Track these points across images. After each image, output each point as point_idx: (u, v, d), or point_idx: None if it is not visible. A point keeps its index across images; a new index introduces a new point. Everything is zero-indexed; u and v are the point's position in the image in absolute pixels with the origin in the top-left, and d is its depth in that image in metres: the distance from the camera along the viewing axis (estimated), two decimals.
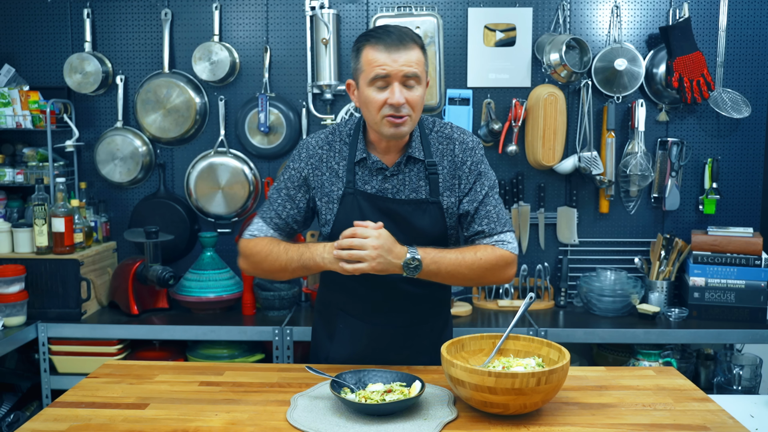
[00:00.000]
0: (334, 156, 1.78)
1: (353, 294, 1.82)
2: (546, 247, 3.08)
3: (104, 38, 3.08)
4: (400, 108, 1.63)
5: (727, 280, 2.79)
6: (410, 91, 1.64)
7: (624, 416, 1.47)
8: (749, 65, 3.01)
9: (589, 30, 3.00)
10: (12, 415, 2.69)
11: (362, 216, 1.72)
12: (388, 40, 1.63)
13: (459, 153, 1.77)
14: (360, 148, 1.76)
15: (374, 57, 1.63)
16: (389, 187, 1.75)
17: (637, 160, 2.92)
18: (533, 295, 1.72)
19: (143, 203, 3.11)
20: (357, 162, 1.76)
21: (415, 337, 1.85)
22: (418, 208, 1.75)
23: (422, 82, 1.67)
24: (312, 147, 1.79)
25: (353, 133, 1.79)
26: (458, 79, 3.02)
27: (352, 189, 1.75)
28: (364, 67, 1.66)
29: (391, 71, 1.62)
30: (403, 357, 1.82)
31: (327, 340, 1.90)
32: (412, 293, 1.80)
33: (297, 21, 3.03)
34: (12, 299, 2.61)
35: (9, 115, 2.93)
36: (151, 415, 1.49)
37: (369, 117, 1.70)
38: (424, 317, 1.86)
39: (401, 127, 1.66)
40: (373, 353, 1.82)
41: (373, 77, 1.63)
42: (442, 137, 1.79)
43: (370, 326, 1.83)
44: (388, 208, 1.74)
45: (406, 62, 1.62)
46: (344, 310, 1.86)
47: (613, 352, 2.88)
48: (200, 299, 2.82)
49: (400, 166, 1.75)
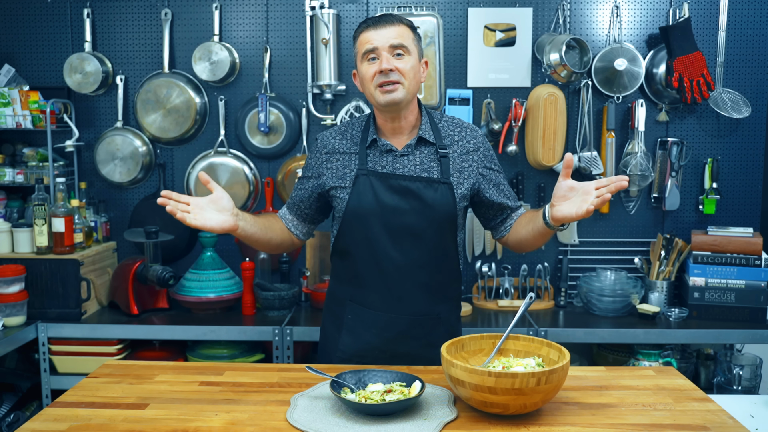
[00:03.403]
0: (346, 143, 1.90)
1: (363, 283, 1.86)
2: (546, 247, 3.08)
3: (104, 38, 3.08)
4: (389, 74, 1.76)
5: (727, 280, 2.79)
6: (399, 61, 1.78)
7: (624, 416, 1.47)
8: (749, 65, 3.01)
9: (589, 30, 3.00)
10: (12, 415, 2.69)
11: (375, 194, 1.81)
12: (375, 21, 1.81)
13: (471, 140, 1.90)
14: (371, 132, 1.87)
15: (364, 36, 1.81)
16: (400, 167, 1.84)
17: (637, 160, 2.92)
18: (533, 295, 1.72)
19: (143, 203, 3.11)
20: (368, 146, 1.86)
21: (425, 329, 1.87)
22: (430, 186, 1.82)
23: (412, 54, 1.80)
24: (326, 138, 1.94)
25: (365, 122, 1.91)
26: (458, 79, 3.02)
27: (365, 170, 1.84)
28: (357, 47, 1.83)
29: (377, 44, 1.77)
30: (413, 348, 1.85)
31: (336, 332, 1.92)
32: (421, 281, 1.84)
33: (297, 21, 3.03)
34: (12, 299, 2.61)
35: (9, 115, 2.93)
36: (151, 415, 1.49)
37: (366, 92, 1.83)
38: (434, 308, 1.87)
39: (393, 93, 1.77)
40: (382, 344, 1.84)
41: (364, 52, 1.80)
42: (452, 125, 1.92)
43: (379, 315, 1.85)
44: (400, 185, 1.82)
45: (391, 35, 1.78)
46: (354, 300, 1.88)
47: (613, 352, 2.88)
48: (200, 299, 2.82)
49: (410, 147, 1.85)
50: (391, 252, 1.81)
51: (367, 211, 1.81)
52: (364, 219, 1.82)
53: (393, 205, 1.80)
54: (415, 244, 1.81)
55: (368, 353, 1.85)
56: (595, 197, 1.61)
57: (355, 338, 1.88)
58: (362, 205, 1.81)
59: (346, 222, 1.85)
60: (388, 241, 1.81)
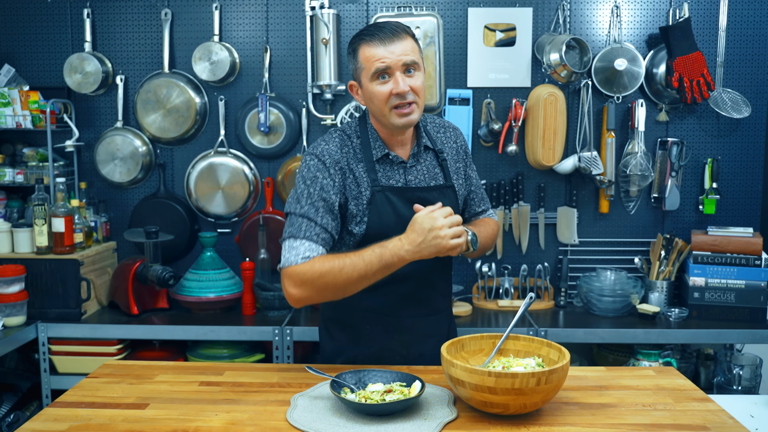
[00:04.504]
0: (351, 159, 1.77)
1: (381, 291, 1.76)
2: (546, 247, 3.08)
3: (104, 38, 3.08)
4: (405, 95, 1.68)
5: (727, 280, 2.79)
6: (412, 79, 1.69)
7: (624, 416, 1.47)
8: (749, 65, 3.01)
9: (589, 30, 3.00)
10: (12, 415, 2.69)
11: (394, 210, 1.75)
12: (381, 35, 1.68)
13: (456, 139, 1.90)
14: (377, 146, 1.77)
15: (372, 52, 1.68)
16: (412, 178, 1.81)
17: (637, 160, 2.92)
18: (533, 295, 1.72)
19: (143, 203, 3.11)
20: (377, 160, 1.77)
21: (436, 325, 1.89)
22: (442, 193, 1.82)
23: (421, 69, 1.73)
24: (333, 153, 1.75)
25: (361, 133, 1.80)
26: (458, 79, 3.02)
27: (379, 187, 1.76)
28: (363, 64, 1.70)
29: (390, 62, 1.67)
30: (428, 347, 1.86)
31: (352, 345, 1.87)
32: (437, 283, 1.86)
33: (297, 21, 3.03)
34: (12, 299, 2.61)
35: (9, 115, 2.93)
36: (151, 415, 1.49)
37: (377, 111, 1.73)
38: (442, 304, 1.91)
39: (411, 115, 1.71)
40: (403, 348, 1.85)
41: (375, 71, 1.68)
42: (437, 127, 1.90)
43: (399, 321, 1.83)
44: (417, 197, 1.78)
45: (403, 52, 1.67)
46: (370, 310, 1.83)
47: (613, 352, 2.88)
48: (200, 299, 2.82)
49: (416, 157, 1.81)
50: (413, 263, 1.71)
51: (388, 228, 1.73)
52: (387, 237, 1.69)
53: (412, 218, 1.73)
54: None
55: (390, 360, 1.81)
56: None
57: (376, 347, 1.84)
58: (383, 222, 1.73)
59: (367, 242, 1.71)
60: None
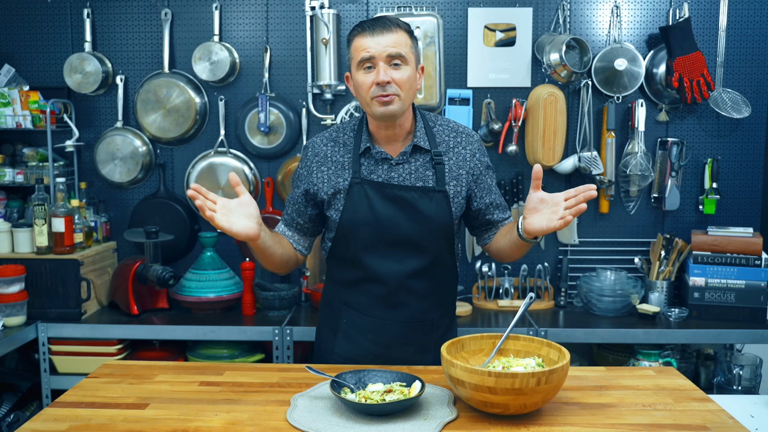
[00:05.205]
0: (339, 150, 1.85)
1: (358, 288, 1.84)
2: (546, 247, 3.08)
3: (104, 38, 3.08)
4: (386, 87, 1.70)
5: (727, 280, 2.79)
6: (397, 71, 1.71)
7: (624, 416, 1.47)
8: (749, 65, 3.01)
9: (589, 30, 3.00)
10: (12, 415, 2.69)
11: (369, 204, 1.77)
12: (372, 26, 1.72)
13: (467, 145, 1.86)
14: (364, 139, 1.81)
15: (360, 42, 1.73)
16: (395, 176, 1.80)
17: (637, 160, 2.92)
18: (533, 295, 1.72)
19: (143, 203, 3.11)
20: (361, 153, 1.81)
21: (419, 334, 1.86)
22: (425, 195, 1.79)
23: (409, 63, 1.73)
24: (317, 145, 1.87)
25: (357, 127, 1.85)
26: (458, 79, 3.02)
27: (359, 179, 1.79)
28: (352, 53, 1.76)
29: (374, 52, 1.70)
30: (407, 354, 1.84)
31: (331, 335, 1.92)
32: (417, 289, 1.82)
33: (297, 21, 3.03)
34: (12, 299, 2.61)
35: (9, 115, 2.93)
36: (151, 415, 1.49)
37: (361, 100, 1.77)
38: (428, 314, 1.86)
39: (390, 105, 1.71)
40: (377, 349, 1.84)
41: (360, 60, 1.72)
42: (447, 130, 1.87)
43: (374, 321, 1.84)
44: (395, 195, 1.78)
45: (389, 43, 1.70)
46: (348, 305, 1.87)
47: (613, 352, 2.88)
48: (200, 299, 2.82)
49: (405, 155, 1.80)
50: (387, 261, 1.79)
51: (362, 221, 1.78)
52: (359, 229, 1.78)
53: (388, 215, 1.77)
54: (410, 253, 1.80)
55: (362, 358, 1.84)
56: (563, 208, 1.58)
57: (350, 342, 1.87)
58: (357, 215, 1.77)
59: (341, 232, 1.81)
60: (384, 251, 1.79)
